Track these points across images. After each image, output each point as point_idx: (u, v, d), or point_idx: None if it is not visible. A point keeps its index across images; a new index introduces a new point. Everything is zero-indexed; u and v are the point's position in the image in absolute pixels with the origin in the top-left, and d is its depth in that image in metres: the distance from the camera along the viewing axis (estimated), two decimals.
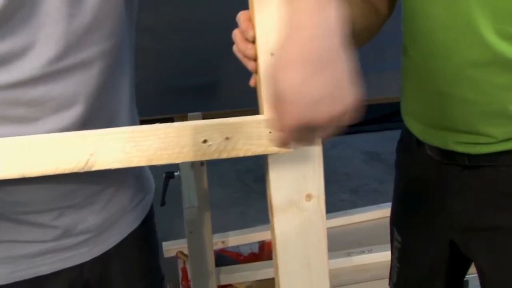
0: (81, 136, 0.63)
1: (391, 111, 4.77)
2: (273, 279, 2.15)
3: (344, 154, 4.25)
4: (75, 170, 0.63)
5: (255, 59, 0.66)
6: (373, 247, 2.04)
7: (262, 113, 0.68)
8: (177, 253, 2.08)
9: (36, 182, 0.67)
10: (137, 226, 0.94)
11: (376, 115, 4.89)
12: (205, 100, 1.60)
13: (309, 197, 0.74)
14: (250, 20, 0.65)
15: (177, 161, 0.64)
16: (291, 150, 0.67)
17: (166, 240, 2.40)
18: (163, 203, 1.67)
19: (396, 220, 1.20)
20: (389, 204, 2.44)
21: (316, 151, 0.72)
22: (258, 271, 1.96)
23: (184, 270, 2.14)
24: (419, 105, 0.99)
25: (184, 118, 1.58)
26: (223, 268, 1.92)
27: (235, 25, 1.76)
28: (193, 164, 1.57)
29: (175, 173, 1.63)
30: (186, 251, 2.01)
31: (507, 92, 0.85)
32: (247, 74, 1.71)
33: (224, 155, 0.66)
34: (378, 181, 3.91)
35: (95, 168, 0.64)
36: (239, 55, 0.69)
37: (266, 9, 0.63)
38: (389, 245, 2.04)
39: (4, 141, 0.62)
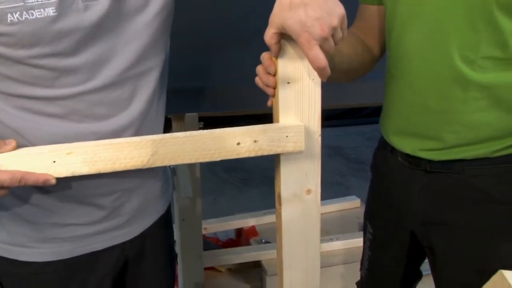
0: (144, 140, 0.82)
1: (353, 108, 5.03)
2: (251, 262, 2.35)
3: None
4: (139, 167, 0.83)
5: (274, 87, 0.88)
6: (340, 235, 2.28)
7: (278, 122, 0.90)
8: None
9: None
10: (164, 212, 1.14)
11: (339, 111, 5.15)
12: (197, 102, 1.76)
13: (309, 191, 0.95)
14: (271, 59, 0.87)
15: (218, 159, 0.85)
16: (301, 150, 0.88)
17: None
18: None
19: (369, 215, 1.40)
20: (353, 197, 2.70)
21: (316, 155, 0.93)
22: (238, 255, 2.16)
23: None
24: (395, 116, 1.20)
25: (181, 118, 1.76)
26: (206, 252, 2.09)
27: (227, 28, 1.89)
28: None
29: (170, 166, 1.80)
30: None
31: (463, 105, 1.06)
32: (237, 78, 1.86)
33: (253, 154, 0.86)
34: (341, 174, 4.17)
35: (155, 165, 0.83)
36: (260, 84, 0.90)
37: (285, 53, 0.85)
38: (354, 234, 2.28)
39: (86, 144, 0.82)
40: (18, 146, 0.82)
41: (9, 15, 0.78)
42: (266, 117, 0.97)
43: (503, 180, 1.09)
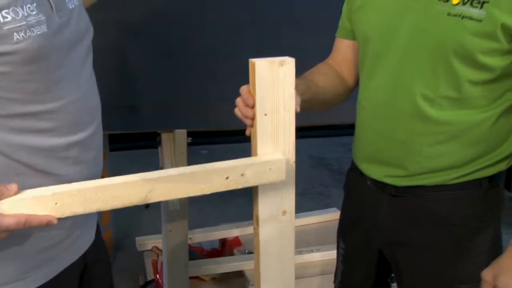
0: (142, 179, 0.88)
1: None
2: (234, 272, 2.43)
3: None
4: (136, 204, 0.89)
5: (252, 118, 0.97)
6: (320, 247, 2.36)
7: (255, 155, 0.99)
8: (152, 248, 2.33)
9: None
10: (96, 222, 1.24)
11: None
12: (185, 118, 1.84)
13: (284, 212, 1.05)
14: (250, 93, 0.96)
15: (208, 192, 0.92)
16: (283, 179, 0.98)
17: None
18: (147, 205, 1.94)
19: (342, 232, 1.51)
20: (334, 209, 2.78)
21: (291, 180, 1.02)
22: (221, 265, 2.24)
23: (155, 263, 2.40)
24: (364, 144, 1.30)
25: (170, 133, 1.85)
26: (191, 262, 2.16)
27: (220, 51, 1.95)
28: None
29: None
30: (160, 246, 2.27)
31: (423, 138, 1.17)
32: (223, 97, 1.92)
33: (240, 186, 0.96)
34: (323, 185, 4.24)
35: (151, 201, 0.90)
36: (239, 114, 0.99)
37: (262, 89, 0.94)
38: (334, 245, 2.36)
39: (87, 186, 0.86)
40: (3, 166, 0.90)
41: (15, 34, 0.87)
42: None
43: (458, 204, 1.19)
